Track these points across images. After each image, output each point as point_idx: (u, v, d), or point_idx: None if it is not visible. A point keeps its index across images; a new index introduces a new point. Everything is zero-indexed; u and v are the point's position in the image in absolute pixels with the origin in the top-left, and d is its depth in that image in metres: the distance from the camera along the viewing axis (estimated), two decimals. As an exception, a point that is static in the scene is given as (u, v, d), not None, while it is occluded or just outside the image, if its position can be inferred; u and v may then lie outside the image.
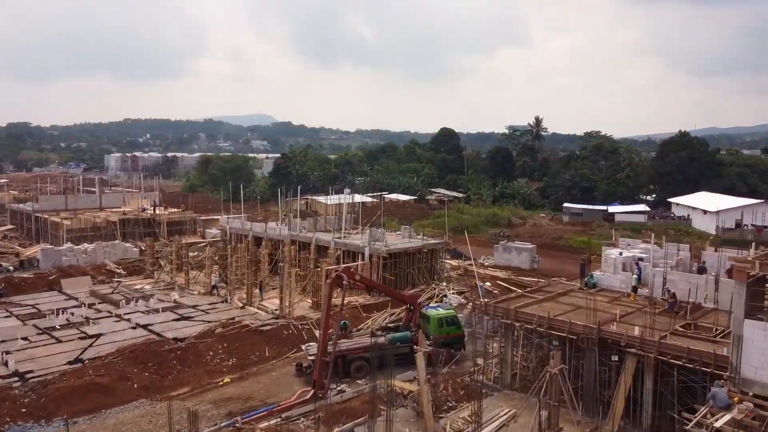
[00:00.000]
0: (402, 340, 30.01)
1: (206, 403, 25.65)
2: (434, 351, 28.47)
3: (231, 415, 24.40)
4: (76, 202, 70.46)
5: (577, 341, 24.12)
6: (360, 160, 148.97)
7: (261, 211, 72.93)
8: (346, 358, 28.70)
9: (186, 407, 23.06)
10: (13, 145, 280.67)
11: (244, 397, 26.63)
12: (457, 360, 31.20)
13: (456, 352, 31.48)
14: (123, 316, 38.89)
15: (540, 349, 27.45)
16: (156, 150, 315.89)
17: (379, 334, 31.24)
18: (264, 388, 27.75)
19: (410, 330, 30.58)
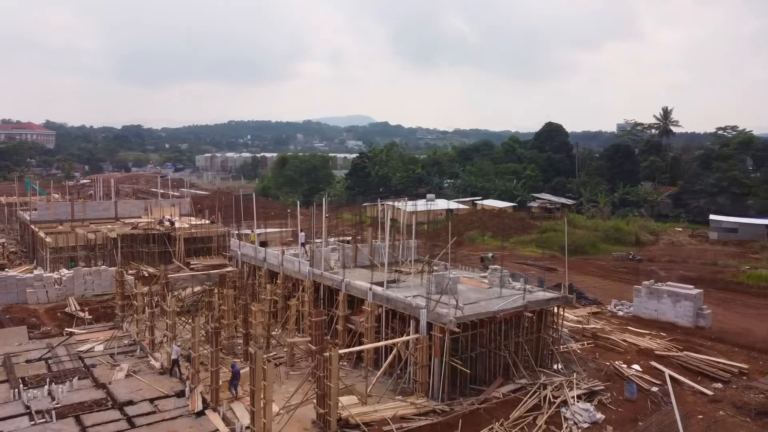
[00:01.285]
0: None
1: None
2: None
3: None
4: (86, 211, 57.05)
5: None
6: (450, 160, 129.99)
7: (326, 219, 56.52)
8: None
9: None
10: (119, 146, 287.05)
11: None
12: None
13: None
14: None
15: None
16: (254, 150, 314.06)
17: None
18: None
19: None
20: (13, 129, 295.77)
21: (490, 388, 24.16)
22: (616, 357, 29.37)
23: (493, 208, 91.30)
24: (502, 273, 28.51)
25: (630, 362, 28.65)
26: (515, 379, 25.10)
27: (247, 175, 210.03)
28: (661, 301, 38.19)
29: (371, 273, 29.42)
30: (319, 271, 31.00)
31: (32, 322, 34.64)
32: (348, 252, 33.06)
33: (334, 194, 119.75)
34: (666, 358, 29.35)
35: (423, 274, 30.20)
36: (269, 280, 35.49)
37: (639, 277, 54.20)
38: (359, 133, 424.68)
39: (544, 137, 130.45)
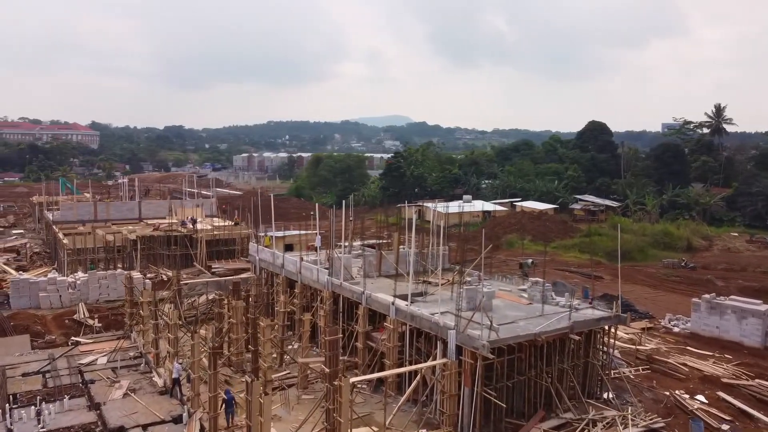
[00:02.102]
0: None
1: None
2: None
3: None
4: (109, 212, 55.46)
5: None
6: (489, 160, 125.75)
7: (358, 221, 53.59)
8: None
9: None
10: (160, 147, 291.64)
11: None
12: None
13: None
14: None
15: None
16: (291, 150, 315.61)
17: None
18: None
19: None
20: (60, 130, 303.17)
21: (530, 424, 20.76)
22: (677, 385, 25.52)
23: (533, 210, 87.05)
24: (545, 287, 24.93)
25: (693, 392, 24.80)
26: (559, 412, 21.60)
27: (283, 175, 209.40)
28: (723, 318, 33.97)
29: (396, 284, 26.24)
30: (338, 280, 28.00)
31: (37, 330, 32.62)
32: (371, 260, 29.97)
33: (368, 195, 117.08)
34: (735, 387, 25.35)
35: (453, 286, 26.84)
36: (287, 288, 32.69)
37: (694, 288, 49.65)
38: (397, 133, 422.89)
39: (587, 136, 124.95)
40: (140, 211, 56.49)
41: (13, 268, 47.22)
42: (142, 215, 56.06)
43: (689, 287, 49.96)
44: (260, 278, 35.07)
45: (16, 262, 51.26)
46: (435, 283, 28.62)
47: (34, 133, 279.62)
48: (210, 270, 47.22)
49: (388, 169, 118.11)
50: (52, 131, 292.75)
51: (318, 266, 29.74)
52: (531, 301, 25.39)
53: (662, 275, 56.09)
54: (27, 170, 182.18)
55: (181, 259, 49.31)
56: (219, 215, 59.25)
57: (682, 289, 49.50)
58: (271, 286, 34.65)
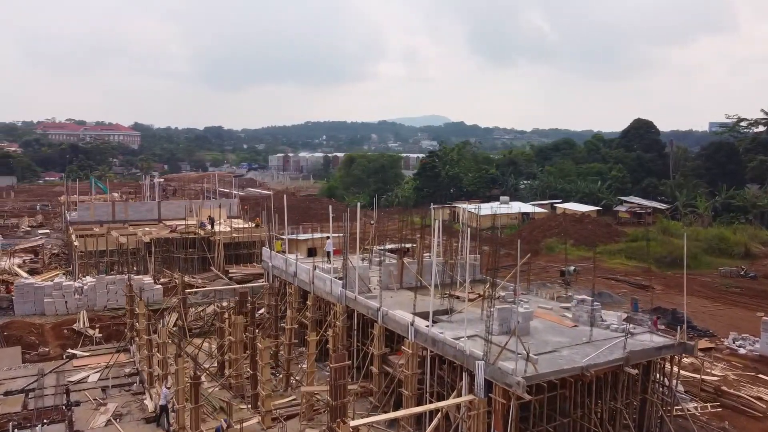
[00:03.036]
0: None
1: None
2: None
3: None
4: (127, 212, 53.35)
5: None
6: (527, 160, 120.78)
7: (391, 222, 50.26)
8: None
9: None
10: (198, 147, 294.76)
11: None
12: None
13: None
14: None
15: None
16: (328, 150, 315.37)
17: None
18: None
19: None
20: (103, 130, 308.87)
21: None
22: (754, 426, 21.31)
23: (574, 213, 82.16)
24: (593, 306, 20.98)
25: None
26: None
27: (318, 175, 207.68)
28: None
29: (418, 299, 22.68)
30: (352, 293, 24.59)
31: (30, 341, 30.16)
32: (391, 269, 26.47)
33: (402, 195, 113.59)
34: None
35: (484, 301, 23.09)
36: (301, 299, 29.48)
37: (758, 301, 44.64)
38: (434, 133, 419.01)
39: (632, 135, 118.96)
40: (159, 211, 54.27)
41: (26, 270, 45.34)
42: (161, 216, 53.83)
43: (752, 300, 44.97)
44: (273, 287, 31.94)
45: (32, 264, 49.53)
46: (463, 298, 24.94)
47: (78, 134, 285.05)
48: (227, 275, 44.52)
49: (423, 168, 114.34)
50: (96, 132, 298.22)
51: (331, 276, 26.38)
52: (576, 322, 21.50)
53: (720, 285, 51.01)
54: (68, 170, 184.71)
55: (198, 263, 46.78)
56: (240, 216, 56.62)
57: (745, 302, 44.54)
58: (284, 297, 31.50)
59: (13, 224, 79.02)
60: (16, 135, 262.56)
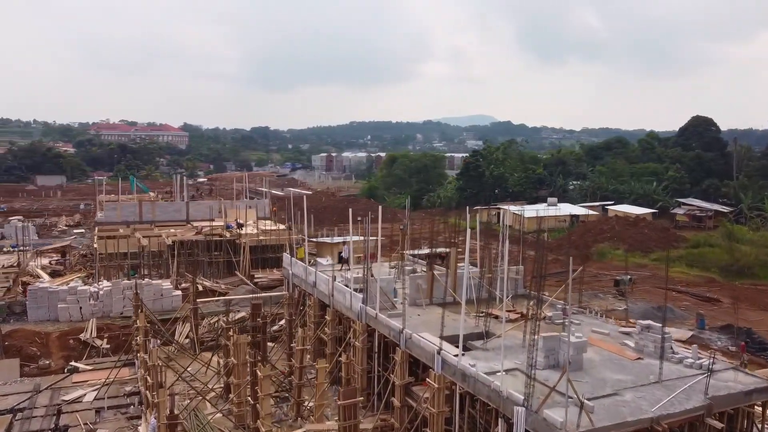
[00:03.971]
0: None
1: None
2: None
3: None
4: (155, 213, 51.49)
5: None
6: (577, 159, 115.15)
7: (433, 222, 46.98)
8: None
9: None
10: (244, 147, 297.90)
11: None
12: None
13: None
14: None
15: None
16: (372, 150, 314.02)
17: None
18: None
19: None
20: (152, 131, 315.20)
21: None
22: None
23: (628, 215, 76.82)
24: (664, 336, 17.07)
25: None
26: None
27: (361, 175, 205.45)
28: None
29: (449, 318, 19.27)
30: (373, 310, 21.32)
31: (31, 353, 28.02)
32: (419, 282, 23.09)
33: (444, 196, 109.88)
34: None
35: (527, 323, 19.45)
36: (320, 312, 26.40)
37: (844, 317, 39.34)
38: (480, 132, 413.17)
39: (690, 133, 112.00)
40: (188, 212, 52.25)
41: (48, 272, 43.83)
42: (189, 217, 51.82)
43: (838, 317, 39.65)
44: (292, 298, 28.99)
45: (59, 265, 48.15)
46: (504, 318, 21.33)
47: (129, 134, 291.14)
48: (252, 280, 41.92)
49: (466, 168, 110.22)
50: (146, 132, 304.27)
51: (350, 289, 23.17)
52: (641, 353, 17.65)
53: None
54: (116, 169, 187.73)
55: (224, 267, 44.36)
56: (271, 217, 54.14)
57: (829, 318, 39.27)
58: (302, 308, 28.52)
59: (51, 223, 79.00)
60: (71, 135, 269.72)
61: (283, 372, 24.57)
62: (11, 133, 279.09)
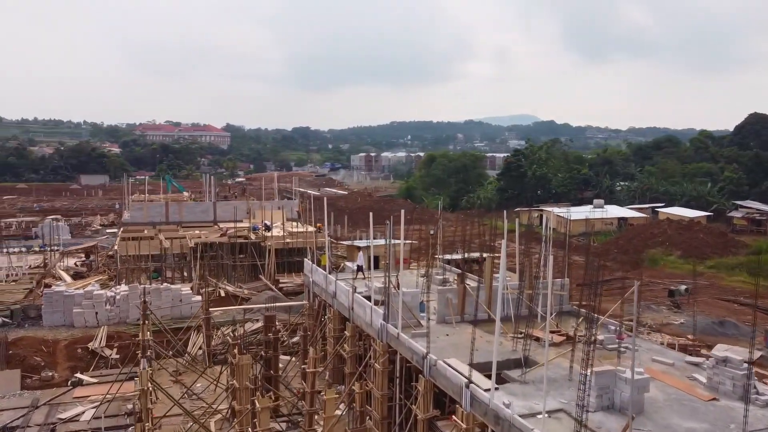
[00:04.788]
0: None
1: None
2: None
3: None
4: (182, 213, 49.96)
5: None
6: (624, 159, 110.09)
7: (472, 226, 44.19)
8: None
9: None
10: (285, 147, 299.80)
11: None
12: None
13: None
14: None
15: None
16: (412, 150, 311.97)
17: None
18: None
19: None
20: (195, 131, 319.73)
21: None
22: None
23: (681, 219, 72.08)
24: (745, 371, 13.86)
25: None
26: None
27: (400, 174, 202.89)
28: None
29: (484, 337, 16.48)
30: (394, 329, 18.63)
31: (34, 363, 26.31)
32: (449, 296, 20.28)
33: (483, 197, 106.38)
34: None
35: (574, 350, 16.45)
36: (341, 325, 23.87)
37: None
38: (522, 132, 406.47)
39: (748, 131, 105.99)
40: (215, 212, 50.57)
41: (71, 274, 42.65)
42: (217, 218, 50.13)
43: None
44: (312, 308, 26.56)
45: (83, 266, 47.07)
46: (544, 341, 18.36)
47: (173, 135, 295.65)
48: (277, 285, 39.79)
49: (507, 168, 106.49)
50: (189, 133, 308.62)
51: (371, 303, 20.52)
52: (715, 393, 14.47)
53: None
54: (158, 169, 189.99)
55: (249, 271, 42.40)
56: (298, 219, 51.93)
57: None
58: (322, 319, 26.05)
59: (86, 223, 78.95)
60: (117, 136, 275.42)
61: (298, 393, 22.15)
62: (62, 133, 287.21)
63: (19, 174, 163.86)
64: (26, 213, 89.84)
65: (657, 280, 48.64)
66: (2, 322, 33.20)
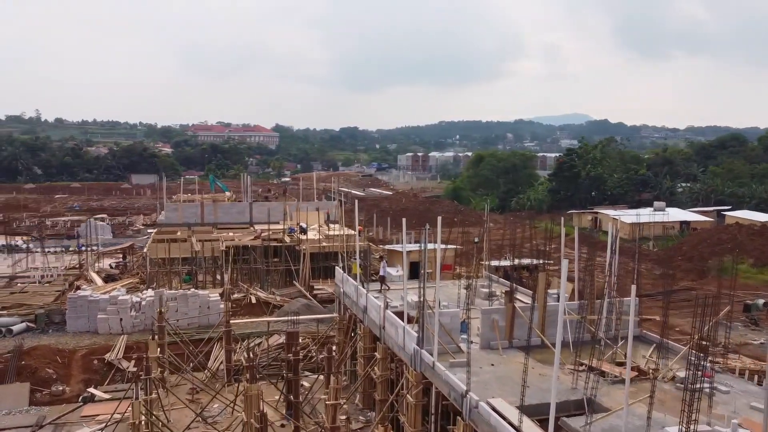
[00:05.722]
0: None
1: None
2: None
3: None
4: (217, 214, 48.26)
5: None
6: (685, 159, 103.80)
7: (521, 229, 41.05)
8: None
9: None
10: (332, 147, 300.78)
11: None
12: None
13: None
14: None
15: None
16: (460, 150, 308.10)
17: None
18: None
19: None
20: (245, 132, 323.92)
21: None
22: None
23: (751, 223, 66.43)
24: None
25: None
26: None
27: (447, 175, 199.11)
28: None
29: (537, 370, 13.50)
30: (430, 357, 15.77)
31: (45, 376, 24.56)
32: (495, 317, 17.28)
33: (534, 198, 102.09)
34: None
35: (653, 391, 13.20)
36: (372, 344, 21.16)
37: None
38: (574, 131, 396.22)
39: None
40: (251, 214, 48.71)
41: (103, 276, 41.39)
42: (252, 219, 48.26)
43: None
44: (342, 322, 23.95)
45: (117, 268, 45.92)
46: (614, 377, 15.16)
47: (223, 135, 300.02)
48: (311, 292, 37.43)
49: (559, 168, 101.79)
50: (239, 133, 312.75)
51: (404, 322, 17.70)
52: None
53: None
54: (206, 168, 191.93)
55: (283, 276, 40.20)
56: (335, 221, 49.55)
57: None
58: (352, 334, 23.38)
59: (130, 222, 78.84)
60: (170, 136, 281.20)
61: (320, 425, 19.50)
62: (118, 134, 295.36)
63: (74, 174, 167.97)
64: (74, 212, 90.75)
65: (729, 292, 44.07)
66: (26, 327, 31.93)
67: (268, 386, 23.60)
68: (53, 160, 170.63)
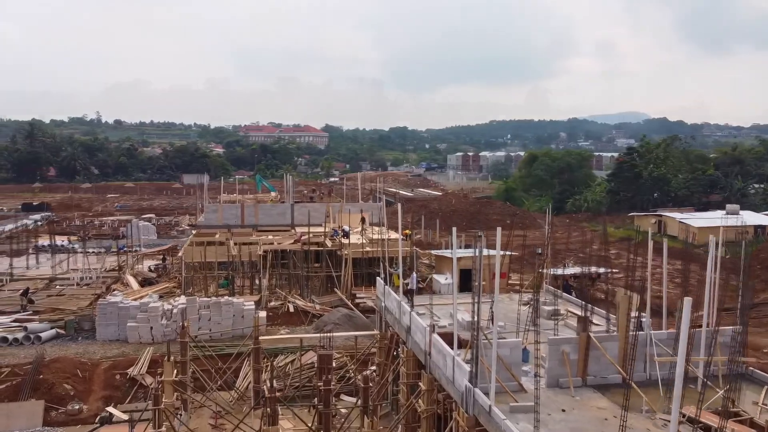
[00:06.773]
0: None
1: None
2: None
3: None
4: (258, 216, 46.31)
5: None
6: (757, 158, 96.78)
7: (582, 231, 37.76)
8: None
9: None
10: (381, 147, 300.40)
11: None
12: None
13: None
14: None
15: None
16: (513, 150, 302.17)
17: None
18: None
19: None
20: (295, 132, 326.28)
21: None
22: None
23: (837, 229, 60.41)
24: None
25: None
26: None
27: (498, 175, 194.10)
28: None
29: (620, 417, 10.45)
30: (486, 399, 12.83)
31: (62, 393, 22.72)
32: (565, 349, 14.19)
33: (591, 199, 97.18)
34: None
35: None
36: (416, 370, 18.34)
37: None
38: (631, 130, 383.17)
39: None
40: (293, 215, 46.60)
41: (140, 280, 39.95)
42: (294, 221, 46.15)
43: None
44: (384, 341, 21.21)
45: (155, 271, 44.58)
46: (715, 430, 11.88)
47: (274, 135, 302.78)
48: (353, 300, 34.89)
49: (619, 168, 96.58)
50: (289, 133, 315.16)
51: (454, 353, 14.78)
52: None
53: None
54: (256, 168, 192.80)
55: (324, 283, 37.80)
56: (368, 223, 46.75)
57: None
58: (394, 354, 20.59)
59: (175, 222, 78.35)
60: (222, 137, 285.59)
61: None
62: (172, 135, 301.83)
63: (129, 173, 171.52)
64: (123, 212, 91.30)
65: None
66: (56, 334, 30.55)
67: (300, 411, 21.10)
68: (110, 160, 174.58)
